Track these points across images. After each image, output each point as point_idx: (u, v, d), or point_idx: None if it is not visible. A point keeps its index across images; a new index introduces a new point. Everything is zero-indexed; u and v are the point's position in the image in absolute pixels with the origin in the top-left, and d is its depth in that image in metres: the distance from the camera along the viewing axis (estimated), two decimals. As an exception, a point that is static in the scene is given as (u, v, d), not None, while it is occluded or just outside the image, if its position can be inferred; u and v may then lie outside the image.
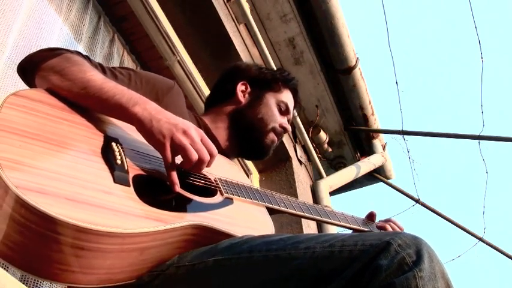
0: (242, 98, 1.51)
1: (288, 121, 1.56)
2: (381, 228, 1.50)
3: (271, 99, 1.51)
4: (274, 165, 3.34)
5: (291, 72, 1.63)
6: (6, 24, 1.71)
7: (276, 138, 1.50)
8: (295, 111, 1.68)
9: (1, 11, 1.71)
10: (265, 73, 1.58)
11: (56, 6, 2.13)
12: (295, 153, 3.46)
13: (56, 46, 1.14)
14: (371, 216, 1.54)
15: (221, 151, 1.38)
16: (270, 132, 1.48)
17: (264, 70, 1.60)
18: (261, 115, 1.47)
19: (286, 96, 1.55)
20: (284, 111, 1.53)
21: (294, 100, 1.59)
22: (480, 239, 3.92)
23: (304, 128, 3.60)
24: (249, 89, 1.53)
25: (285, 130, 1.51)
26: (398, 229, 1.51)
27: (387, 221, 1.53)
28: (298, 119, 3.48)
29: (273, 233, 1.16)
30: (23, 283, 1.28)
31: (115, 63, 2.48)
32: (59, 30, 2.11)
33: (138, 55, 2.76)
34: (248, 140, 1.47)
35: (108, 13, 2.56)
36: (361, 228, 1.47)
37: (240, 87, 1.52)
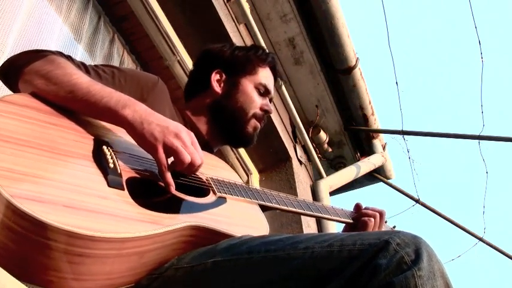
0: (218, 88, 1.47)
1: (270, 100, 1.53)
2: (363, 217, 1.45)
3: (248, 84, 1.47)
4: (274, 165, 3.34)
5: (265, 48, 1.58)
6: (6, 24, 1.71)
7: (258, 124, 1.48)
8: (279, 82, 1.62)
9: (1, 11, 1.71)
10: (238, 56, 1.52)
11: (56, 6, 2.13)
12: (295, 153, 3.46)
13: (41, 48, 1.12)
14: (357, 208, 1.50)
15: (205, 143, 1.38)
16: (251, 119, 1.45)
17: (237, 52, 1.54)
18: (239, 103, 1.45)
19: (264, 76, 1.51)
20: (264, 93, 1.49)
21: (273, 75, 1.55)
22: (480, 239, 3.91)
23: (304, 128, 3.60)
24: (224, 77, 1.49)
25: (266, 112, 1.48)
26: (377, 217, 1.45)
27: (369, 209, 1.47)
28: (298, 119, 3.48)
29: (268, 230, 1.16)
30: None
31: (115, 63, 2.48)
32: (59, 30, 2.11)
33: (138, 55, 2.76)
34: (230, 131, 1.46)
35: (108, 13, 2.56)
36: (350, 221, 1.46)
37: (215, 76, 1.49)
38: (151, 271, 0.93)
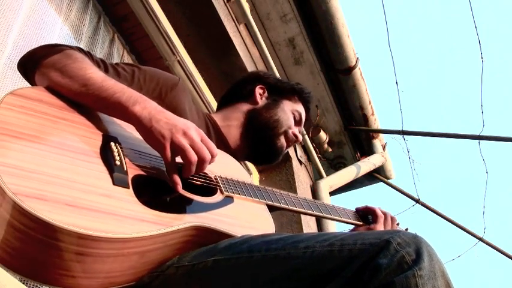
0: (259, 100, 1.53)
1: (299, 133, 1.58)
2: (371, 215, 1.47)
3: (287, 106, 1.54)
4: (274, 165, 3.34)
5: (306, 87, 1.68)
6: (6, 24, 1.71)
7: (285, 144, 1.51)
8: (308, 125, 1.70)
9: (1, 11, 1.71)
10: (283, 82, 1.63)
11: (56, 6, 2.13)
12: (295, 153, 3.46)
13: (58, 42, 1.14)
14: (366, 208, 1.49)
15: (230, 151, 1.38)
16: (282, 135, 1.49)
17: (281, 80, 1.66)
18: (277, 117, 1.49)
19: (301, 109, 1.59)
20: (298, 121, 1.56)
21: (305, 116, 1.62)
22: (480, 239, 3.91)
23: (304, 128, 3.60)
24: (266, 94, 1.56)
25: (296, 138, 1.53)
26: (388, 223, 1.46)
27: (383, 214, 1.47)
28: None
29: (274, 231, 1.16)
30: (23, 283, 1.28)
31: (115, 63, 2.48)
32: (59, 30, 2.11)
33: (138, 55, 2.76)
34: (260, 140, 1.46)
35: (108, 13, 2.56)
36: (359, 223, 1.46)
37: (258, 90, 1.55)
38: (152, 270, 0.93)
